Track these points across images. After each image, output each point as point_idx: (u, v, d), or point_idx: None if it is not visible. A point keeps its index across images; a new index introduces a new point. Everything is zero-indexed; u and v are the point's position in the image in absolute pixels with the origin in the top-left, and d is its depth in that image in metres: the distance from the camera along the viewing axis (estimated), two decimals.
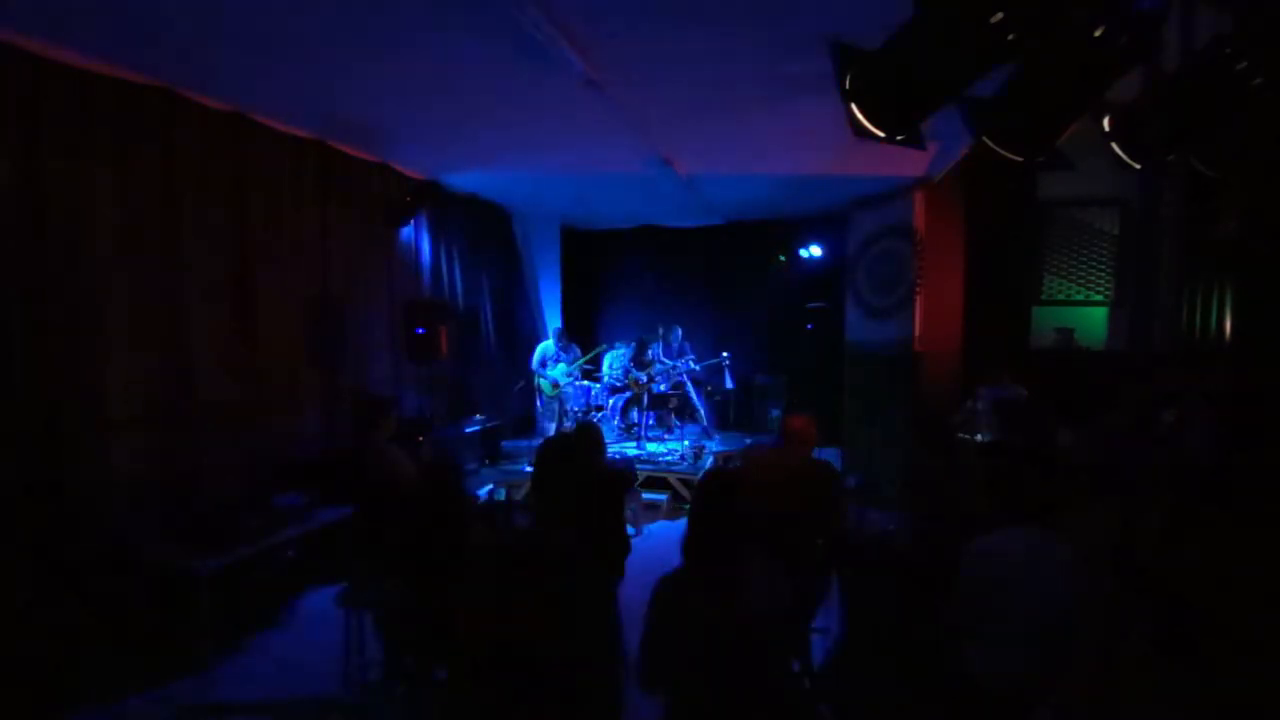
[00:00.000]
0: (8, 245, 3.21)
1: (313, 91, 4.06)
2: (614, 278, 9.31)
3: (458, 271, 7.02)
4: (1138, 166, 2.50)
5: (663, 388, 7.33)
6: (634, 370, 7.37)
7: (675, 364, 7.42)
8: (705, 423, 7.52)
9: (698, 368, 7.51)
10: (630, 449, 7.06)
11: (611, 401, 8.14)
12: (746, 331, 8.69)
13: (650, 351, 7.22)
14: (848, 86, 2.10)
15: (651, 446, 7.05)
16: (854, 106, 2.08)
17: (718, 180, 6.26)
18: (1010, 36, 1.74)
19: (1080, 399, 5.26)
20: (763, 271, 8.67)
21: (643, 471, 6.31)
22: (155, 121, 3.83)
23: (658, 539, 5.70)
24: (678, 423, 7.43)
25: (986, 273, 6.32)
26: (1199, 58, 2.17)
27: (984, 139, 2.26)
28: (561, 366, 7.24)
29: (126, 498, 3.70)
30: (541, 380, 7.30)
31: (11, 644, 3.11)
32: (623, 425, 7.63)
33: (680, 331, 7.70)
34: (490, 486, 6.09)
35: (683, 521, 2.08)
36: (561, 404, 7.33)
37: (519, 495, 5.91)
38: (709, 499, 2.05)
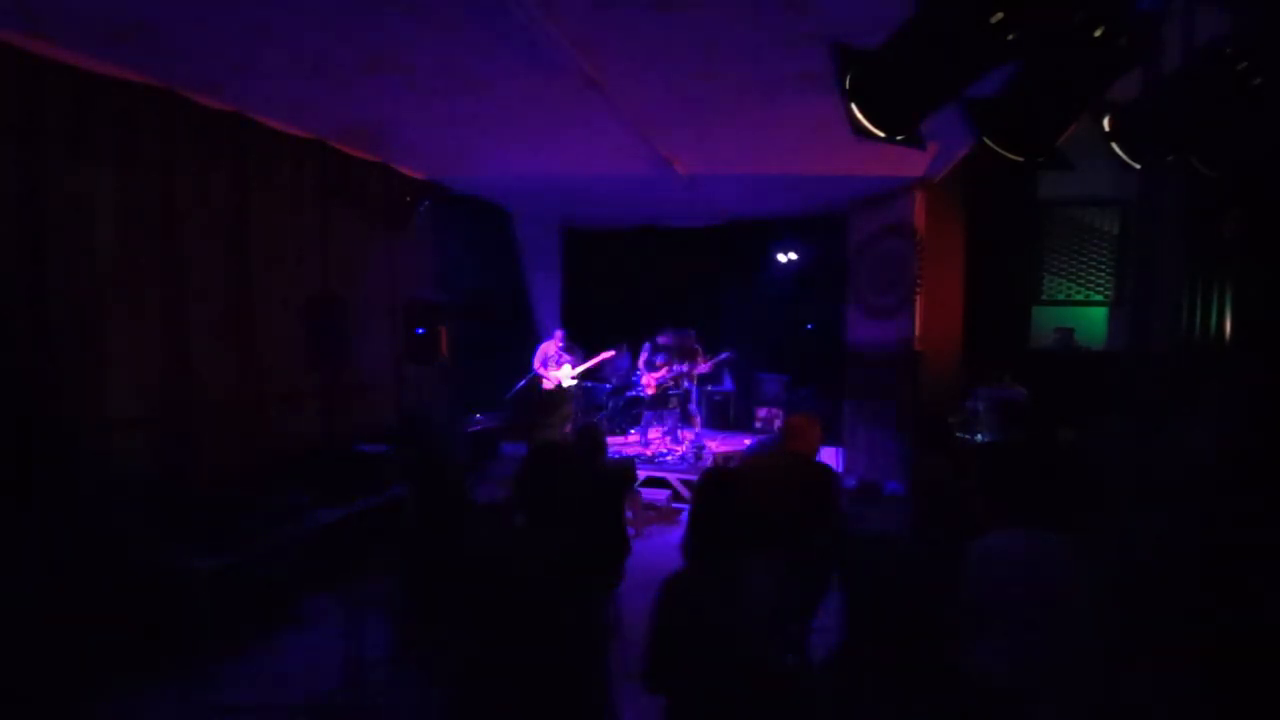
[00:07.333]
0: (8, 244, 3.21)
1: (313, 92, 4.05)
2: (614, 278, 9.30)
3: (458, 272, 7.01)
4: (1138, 166, 2.50)
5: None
6: (645, 371, 7.33)
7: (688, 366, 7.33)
8: (699, 424, 7.48)
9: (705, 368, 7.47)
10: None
11: (612, 403, 8.14)
12: (746, 331, 8.68)
13: (660, 356, 7.19)
14: (847, 86, 2.09)
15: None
16: (854, 106, 2.08)
17: (718, 180, 6.26)
18: (1010, 36, 1.74)
19: (1080, 399, 5.25)
20: (763, 271, 8.67)
21: (643, 471, 6.31)
22: (155, 121, 3.83)
23: (658, 540, 5.71)
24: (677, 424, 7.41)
25: (986, 273, 6.32)
26: (1199, 58, 2.17)
27: (984, 139, 2.26)
28: (566, 368, 7.23)
29: (127, 497, 3.69)
30: (544, 381, 7.28)
31: (11, 643, 3.11)
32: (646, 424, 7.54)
33: (694, 333, 7.61)
34: (490, 487, 6.08)
35: (683, 523, 2.08)
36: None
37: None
38: (707, 497, 2.05)
